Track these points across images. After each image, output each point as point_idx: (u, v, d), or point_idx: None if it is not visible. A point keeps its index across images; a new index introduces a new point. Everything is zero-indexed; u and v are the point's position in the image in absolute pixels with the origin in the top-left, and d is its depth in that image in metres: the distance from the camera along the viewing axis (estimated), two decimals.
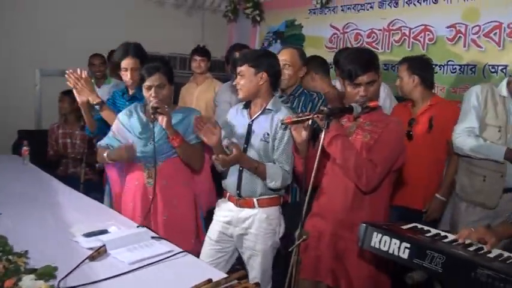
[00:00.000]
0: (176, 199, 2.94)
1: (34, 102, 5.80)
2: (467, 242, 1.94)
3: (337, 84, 3.79)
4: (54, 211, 2.71)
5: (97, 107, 3.21)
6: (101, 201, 3.54)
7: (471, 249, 1.91)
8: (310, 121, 2.35)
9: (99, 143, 3.10)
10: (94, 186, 4.40)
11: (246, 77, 2.75)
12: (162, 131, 2.84)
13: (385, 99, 3.79)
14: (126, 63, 3.32)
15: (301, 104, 3.25)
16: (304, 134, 2.42)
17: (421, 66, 3.45)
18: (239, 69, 2.77)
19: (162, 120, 2.76)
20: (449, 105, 3.49)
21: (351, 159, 2.32)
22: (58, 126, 4.87)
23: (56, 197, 3.00)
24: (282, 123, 2.65)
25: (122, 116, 3.04)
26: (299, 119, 2.40)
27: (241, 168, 2.78)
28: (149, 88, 2.84)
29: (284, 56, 3.28)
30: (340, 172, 2.44)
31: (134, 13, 6.14)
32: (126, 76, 3.34)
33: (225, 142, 2.78)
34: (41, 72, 5.78)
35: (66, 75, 3.18)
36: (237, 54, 3.80)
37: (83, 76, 3.21)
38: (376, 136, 2.40)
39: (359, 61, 2.40)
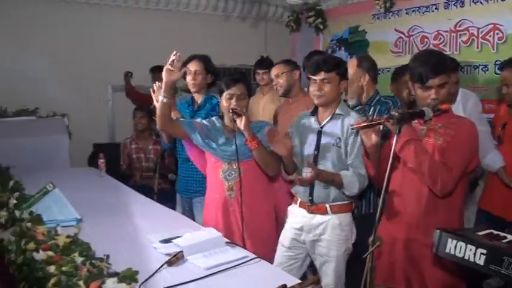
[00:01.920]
0: (258, 210, 2.98)
1: (107, 117, 6.08)
2: None
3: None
4: (132, 219, 2.81)
5: (180, 120, 3.22)
6: (174, 209, 3.64)
7: None
8: (381, 126, 2.32)
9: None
10: (167, 195, 4.50)
11: (332, 84, 2.74)
12: (240, 140, 2.90)
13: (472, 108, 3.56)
14: (190, 65, 3.44)
15: (376, 113, 3.21)
16: (374, 138, 2.40)
17: None
18: (325, 75, 2.72)
19: (240, 121, 2.79)
20: None
21: (425, 163, 2.29)
22: (131, 141, 5.05)
23: (133, 206, 3.11)
24: (351, 128, 2.64)
25: (203, 123, 3.09)
26: (369, 123, 2.38)
27: None
28: (230, 97, 2.89)
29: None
30: (412, 176, 2.40)
31: (201, 27, 6.33)
32: (189, 78, 3.44)
33: (305, 166, 2.75)
34: (113, 88, 6.04)
35: (152, 89, 3.20)
36: None
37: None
38: (449, 138, 2.36)
39: (429, 64, 2.36)
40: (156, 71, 5.33)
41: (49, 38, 5.53)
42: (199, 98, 3.53)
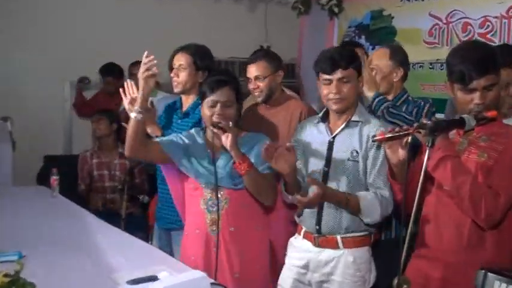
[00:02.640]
0: (249, 250, 2.98)
1: (63, 122, 6.04)
2: None
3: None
4: (91, 253, 2.80)
5: (158, 140, 3.18)
6: (146, 240, 3.63)
7: None
8: (409, 137, 2.33)
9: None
10: (137, 222, 4.52)
11: (352, 84, 2.76)
12: (226, 160, 2.91)
13: None
14: (174, 59, 3.44)
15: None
16: (401, 153, 2.40)
17: None
18: (343, 73, 2.73)
19: (226, 138, 2.77)
20: None
21: (465, 186, 2.27)
22: (91, 154, 5.06)
23: (93, 236, 3.10)
24: (373, 141, 2.62)
25: (184, 136, 3.10)
26: (395, 134, 2.38)
27: None
28: (213, 105, 2.89)
29: (373, 60, 3.37)
30: (450, 201, 2.40)
31: (185, 12, 6.36)
32: (171, 75, 3.45)
33: (307, 179, 2.77)
34: (71, 86, 6.03)
35: (125, 85, 3.19)
36: None
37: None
38: (496, 155, 2.35)
39: (474, 60, 2.35)
40: (136, 68, 5.36)
41: None
42: (187, 101, 3.52)
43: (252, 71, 3.56)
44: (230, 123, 2.81)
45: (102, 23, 5.93)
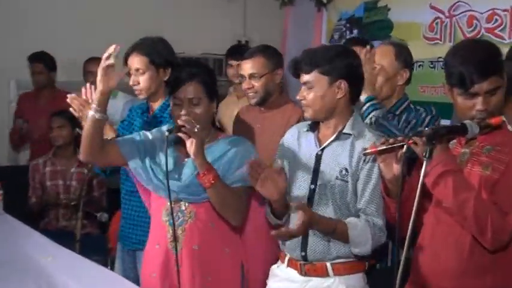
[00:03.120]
0: (215, 274, 2.94)
1: (8, 127, 5.99)
2: None
3: None
4: (39, 279, 2.79)
5: (117, 139, 3.16)
6: (104, 264, 3.62)
7: None
8: (404, 149, 2.36)
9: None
10: (95, 244, 4.50)
11: (317, 89, 2.74)
12: (194, 167, 2.86)
13: None
14: (129, 60, 3.42)
15: (400, 124, 3.24)
16: (396, 168, 2.43)
17: None
18: (305, 77, 2.76)
19: (190, 145, 2.72)
20: None
21: (469, 204, 2.28)
22: (45, 161, 5.02)
23: (42, 260, 3.08)
24: (364, 155, 2.64)
25: (149, 133, 3.06)
26: (388, 146, 2.41)
27: None
28: (179, 103, 2.87)
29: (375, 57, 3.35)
30: (450, 220, 2.42)
31: (151, 2, 6.36)
32: (130, 81, 3.43)
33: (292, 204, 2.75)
34: (18, 86, 5.99)
35: (68, 99, 3.21)
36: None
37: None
38: (503, 167, 2.35)
39: (476, 61, 2.37)
40: (92, 65, 5.36)
41: None
42: (156, 103, 3.53)
43: (247, 68, 3.55)
44: (197, 127, 2.71)
45: (53, 15, 5.90)
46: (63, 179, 4.97)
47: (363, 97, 3.15)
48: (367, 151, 2.53)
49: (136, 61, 3.38)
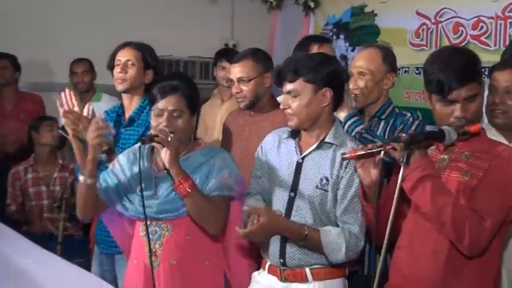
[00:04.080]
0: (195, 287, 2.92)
1: None
2: None
3: None
4: (19, 281, 2.78)
5: (103, 156, 3.17)
6: (87, 267, 3.61)
7: None
8: (381, 154, 2.37)
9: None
10: (76, 246, 4.49)
11: (302, 97, 2.74)
12: (169, 182, 2.85)
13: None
14: (120, 53, 3.45)
15: (389, 129, 3.26)
16: (374, 173, 2.44)
17: None
18: (289, 86, 2.76)
19: (164, 154, 2.71)
20: None
21: (447, 210, 2.30)
22: (26, 168, 4.98)
23: (22, 262, 3.07)
24: (343, 159, 2.64)
25: (122, 157, 3.05)
26: (367, 151, 2.43)
27: None
28: (160, 114, 2.84)
29: (359, 61, 3.35)
30: (428, 226, 2.43)
31: (139, 4, 6.35)
32: (116, 72, 3.44)
33: (245, 208, 2.80)
34: None
35: (61, 114, 3.20)
36: (314, 49, 3.85)
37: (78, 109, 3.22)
38: (481, 174, 2.38)
39: (454, 68, 2.39)
40: (77, 66, 5.38)
41: None
42: (132, 104, 3.52)
43: (236, 71, 3.52)
44: (170, 136, 2.72)
45: (43, 13, 5.89)
46: (46, 185, 4.95)
47: (342, 115, 3.15)
48: (346, 155, 2.54)
49: (129, 53, 3.44)
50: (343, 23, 6.19)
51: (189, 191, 2.71)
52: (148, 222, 2.83)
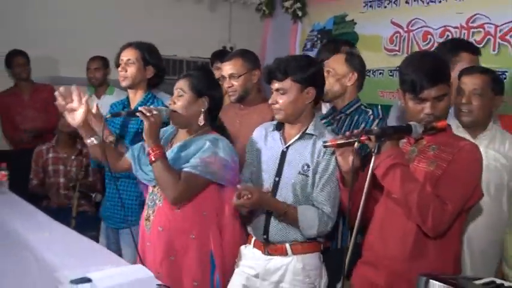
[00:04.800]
0: (178, 258, 2.88)
1: None
2: None
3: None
4: (37, 251, 2.75)
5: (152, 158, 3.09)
6: (97, 239, 3.60)
7: None
8: (358, 144, 2.35)
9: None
10: (89, 221, 4.46)
11: (289, 95, 2.75)
12: (171, 153, 2.86)
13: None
14: (123, 54, 3.43)
15: (353, 124, 3.24)
16: (351, 160, 2.42)
17: None
18: (278, 84, 2.76)
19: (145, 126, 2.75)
20: None
21: (414, 195, 2.30)
22: (48, 148, 4.97)
23: (41, 234, 3.05)
24: (324, 146, 2.65)
25: None
26: (346, 141, 2.42)
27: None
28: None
29: (327, 62, 3.35)
30: (397, 209, 2.43)
31: (145, 10, 6.30)
32: (118, 70, 3.44)
33: (238, 186, 2.76)
34: None
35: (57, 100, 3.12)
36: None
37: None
38: (445, 165, 2.38)
39: (426, 70, 2.38)
40: (91, 63, 5.34)
41: None
42: (136, 97, 3.51)
43: (227, 69, 3.53)
44: (153, 113, 2.74)
45: (58, 17, 5.83)
46: (64, 165, 4.92)
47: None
48: (327, 144, 2.54)
49: (129, 53, 3.41)
50: (326, 30, 6.19)
51: (156, 158, 2.72)
52: (151, 190, 2.96)
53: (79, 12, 5.90)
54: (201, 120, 2.89)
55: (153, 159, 2.73)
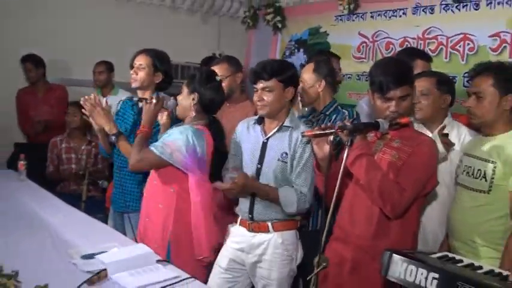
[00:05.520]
0: (150, 221, 2.92)
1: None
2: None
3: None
4: (52, 231, 2.75)
5: (113, 137, 3.17)
6: (104, 221, 3.58)
7: (509, 281, 1.89)
8: (332, 136, 2.37)
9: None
10: (97, 205, 4.44)
11: (274, 93, 2.76)
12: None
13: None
14: (135, 59, 3.41)
15: (331, 123, 3.20)
16: (326, 149, 2.43)
17: None
18: (264, 83, 2.77)
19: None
20: None
21: (376, 181, 2.31)
22: (61, 140, 4.93)
23: (55, 216, 3.04)
24: (302, 136, 2.67)
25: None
26: (321, 132, 2.42)
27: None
28: None
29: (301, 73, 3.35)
30: (364, 194, 2.44)
31: (145, 20, 6.29)
32: (131, 73, 3.41)
33: (228, 175, 2.77)
34: None
35: (81, 101, 3.18)
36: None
37: (97, 101, 3.21)
38: (406, 156, 2.39)
39: (392, 73, 2.40)
40: (98, 67, 5.27)
41: None
42: (144, 97, 3.45)
43: (216, 71, 3.48)
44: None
45: (69, 29, 5.79)
46: (75, 154, 4.87)
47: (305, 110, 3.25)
48: (305, 134, 2.54)
49: (142, 59, 3.38)
50: (302, 40, 6.16)
51: (139, 133, 2.95)
52: None
53: (87, 23, 5.86)
54: (192, 113, 2.89)
55: (139, 133, 2.92)
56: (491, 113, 2.54)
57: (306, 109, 3.34)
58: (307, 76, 3.30)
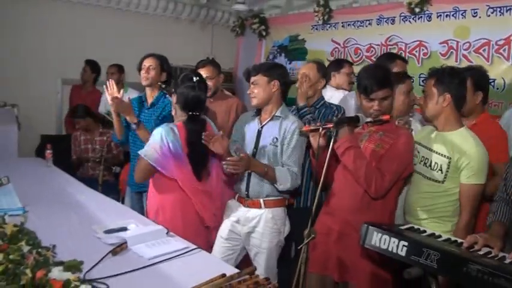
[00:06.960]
0: (148, 202, 2.93)
1: (56, 109, 5.85)
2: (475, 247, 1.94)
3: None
4: (77, 209, 2.72)
5: (133, 126, 3.17)
6: (118, 200, 3.56)
7: (463, 246, 1.94)
8: (322, 130, 2.40)
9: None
10: (111, 187, 4.44)
11: (260, 85, 2.82)
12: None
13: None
14: (145, 61, 3.41)
15: (321, 115, 3.23)
16: (321, 141, 2.44)
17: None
18: (253, 78, 2.84)
19: None
20: None
21: (362, 168, 2.37)
22: (80, 133, 4.89)
23: (78, 197, 3.01)
24: (300, 132, 2.72)
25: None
26: (315, 127, 2.46)
27: (249, 172, 2.81)
28: None
29: (303, 70, 3.32)
30: (350, 177, 2.48)
31: (152, 28, 6.26)
32: (142, 73, 3.41)
33: (233, 148, 2.79)
34: (62, 81, 5.83)
35: (109, 100, 3.19)
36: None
37: (120, 96, 3.20)
38: (387, 146, 2.44)
39: (375, 77, 2.43)
40: (110, 69, 5.23)
41: (2, 30, 5.31)
42: (152, 95, 3.46)
43: (203, 73, 3.47)
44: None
45: (87, 33, 5.74)
46: (91, 144, 4.82)
47: (301, 103, 3.19)
48: (302, 130, 2.59)
49: (151, 61, 3.42)
50: (284, 46, 6.18)
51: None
52: None
53: (105, 33, 5.86)
54: (174, 111, 2.87)
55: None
56: (433, 109, 2.49)
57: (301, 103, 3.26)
58: (313, 74, 3.26)
